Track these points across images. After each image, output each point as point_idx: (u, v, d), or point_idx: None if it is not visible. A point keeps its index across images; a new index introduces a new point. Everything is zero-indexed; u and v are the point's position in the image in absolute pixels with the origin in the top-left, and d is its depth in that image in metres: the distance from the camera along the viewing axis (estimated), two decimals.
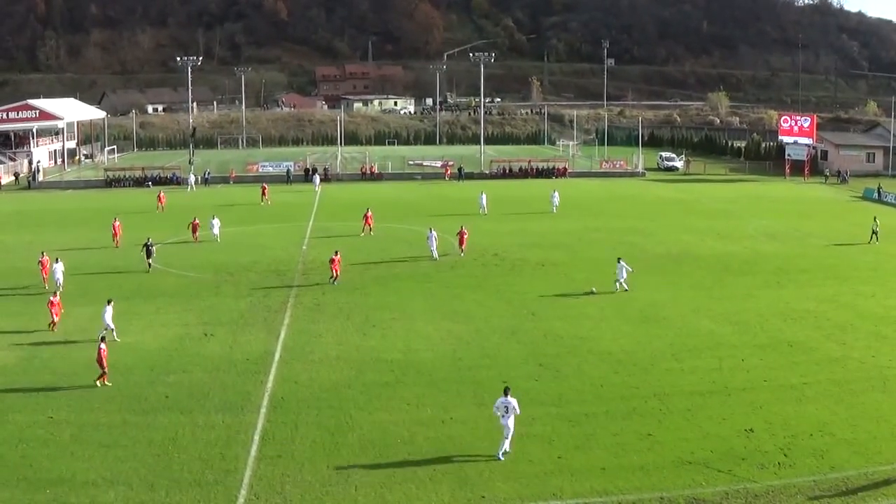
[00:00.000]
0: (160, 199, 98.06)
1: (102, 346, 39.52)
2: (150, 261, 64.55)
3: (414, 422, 35.42)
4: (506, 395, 32.85)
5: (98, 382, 39.36)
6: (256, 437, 33.87)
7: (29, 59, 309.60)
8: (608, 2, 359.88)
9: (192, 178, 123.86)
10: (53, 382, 40.08)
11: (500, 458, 31.85)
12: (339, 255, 60.82)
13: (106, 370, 39.42)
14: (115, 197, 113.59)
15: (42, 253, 59.59)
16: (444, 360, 43.62)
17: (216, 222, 77.06)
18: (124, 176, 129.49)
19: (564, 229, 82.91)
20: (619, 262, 57.84)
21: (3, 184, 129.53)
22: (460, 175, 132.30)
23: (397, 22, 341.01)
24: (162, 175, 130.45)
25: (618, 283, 57.41)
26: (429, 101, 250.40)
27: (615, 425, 34.92)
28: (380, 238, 77.01)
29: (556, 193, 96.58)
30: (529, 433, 33.92)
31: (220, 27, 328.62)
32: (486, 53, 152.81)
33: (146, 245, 64.94)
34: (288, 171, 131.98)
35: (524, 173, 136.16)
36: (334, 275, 59.57)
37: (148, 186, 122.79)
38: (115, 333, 46.18)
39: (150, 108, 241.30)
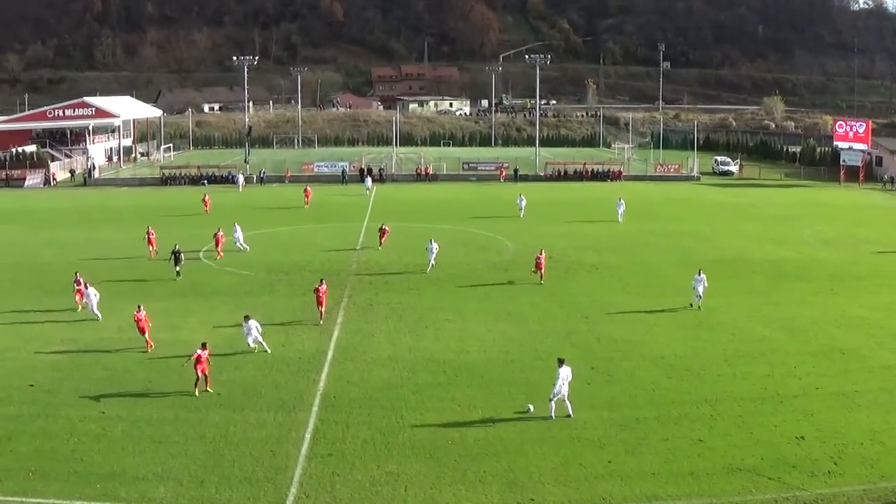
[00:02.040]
0: (205, 203, 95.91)
1: (200, 352, 38.82)
2: (179, 268, 62.39)
3: (465, 423, 35.52)
4: (561, 364, 35.69)
5: (196, 391, 38.53)
6: (307, 436, 34.11)
7: (85, 57, 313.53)
8: (664, 5, 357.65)
9: (240, 179, 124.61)
10: (106, 378, 40.65)
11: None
12: (324, 285, 51.62)
13: (201, 376, 38.66)
14: (170, 195, 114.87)
15: (76, 273, 55.32)
16: (496, 361, 43.68)
17: (238, 230, 73.42)
18: (180, 174, 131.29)
19: (619, 232, 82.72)
20: (699, 273, 54.61)
21: (59, 180, 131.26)
22: (515, 177, 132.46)
23: (453, 23, 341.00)
24: (217, 174, 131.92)
25: (696, 298, 54.26)
26: (484, 102, 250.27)
27: (666, 430, 34.82)
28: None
29: (622, 201, 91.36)
30: (580, 437, 33.99)
31: (275, 27, 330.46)
32: (542, 55, 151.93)
33: (174, 252, 62.66)
34: (343, 171, 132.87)
35: (579, 176, 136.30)
36: (320, 311, 50.90)
37: (203, 184, 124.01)
38: (265, 345, 44.73)
39: (206, 107, 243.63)
